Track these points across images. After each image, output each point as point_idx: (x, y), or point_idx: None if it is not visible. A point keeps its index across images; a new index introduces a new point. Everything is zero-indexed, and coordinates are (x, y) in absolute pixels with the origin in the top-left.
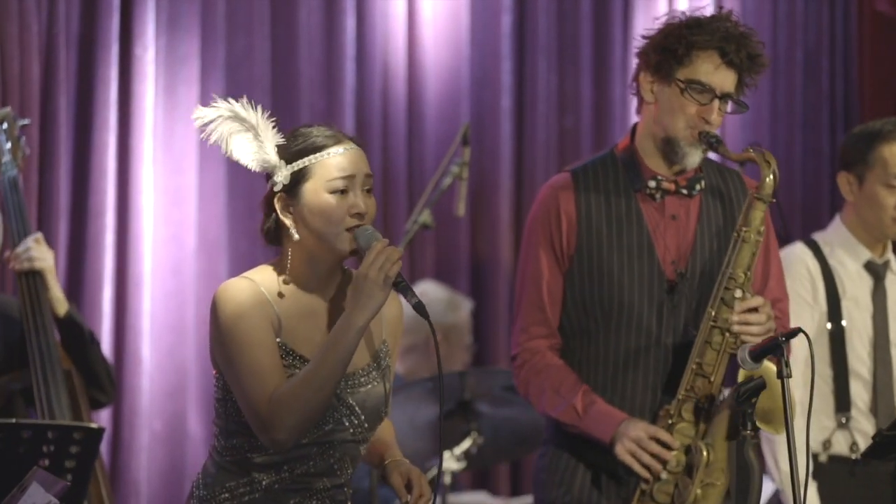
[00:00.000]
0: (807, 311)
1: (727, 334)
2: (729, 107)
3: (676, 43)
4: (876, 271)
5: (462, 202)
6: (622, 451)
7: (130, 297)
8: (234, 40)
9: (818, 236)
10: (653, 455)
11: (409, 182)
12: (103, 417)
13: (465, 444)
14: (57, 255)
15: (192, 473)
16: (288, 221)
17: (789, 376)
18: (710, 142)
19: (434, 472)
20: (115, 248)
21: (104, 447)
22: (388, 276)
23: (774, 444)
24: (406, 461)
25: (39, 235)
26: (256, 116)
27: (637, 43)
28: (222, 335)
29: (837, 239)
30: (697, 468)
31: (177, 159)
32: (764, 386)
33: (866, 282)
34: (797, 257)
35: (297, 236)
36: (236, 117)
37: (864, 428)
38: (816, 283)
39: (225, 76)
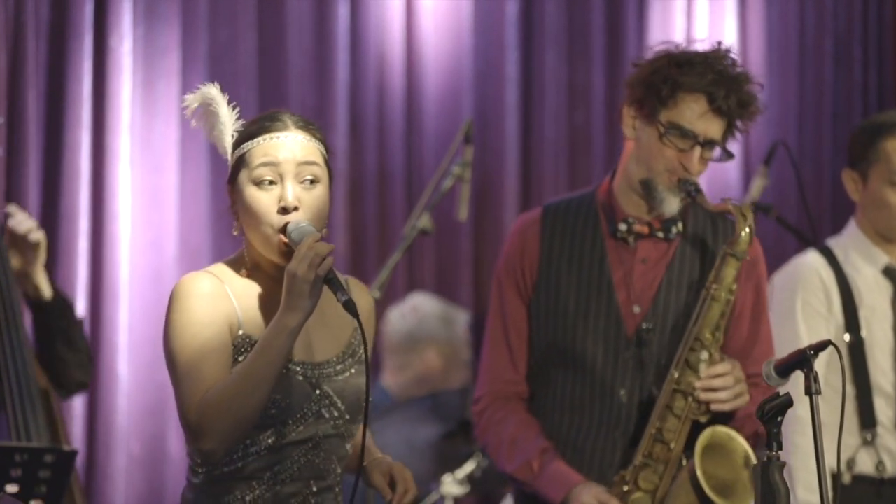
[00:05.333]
0: (822, 324)
1: (690, 399)
2: (715, 153)
3: (662, 83)
4: (895, 277)
5: (464, 205)
6: None
7: (106, 308)
8: (218, 30)
9: (832, 242)
10: None
11: (406, 184)
12: (77, 439)
13: (468, 467)
14: None
15: (173, 498)
16: (233, 214)
17: (818, 392)
18: (688, 190)
19: (434, 497)
20: (89, 255)
21: (78, 471)
22: (319, 274)
23: (791, 471)
24: (387, 458)
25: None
26: (221, 100)
27: (633, 62)
28: (168, 334)
29: (852, 243)
30: None
31: (156, 159)
32: (790, 403)
33: (885, 289)
34: (809, 267)
35: (235, 232)
36: (207, 101)
37: (889, 445)
38: (831, 294)
39: (207, 69)
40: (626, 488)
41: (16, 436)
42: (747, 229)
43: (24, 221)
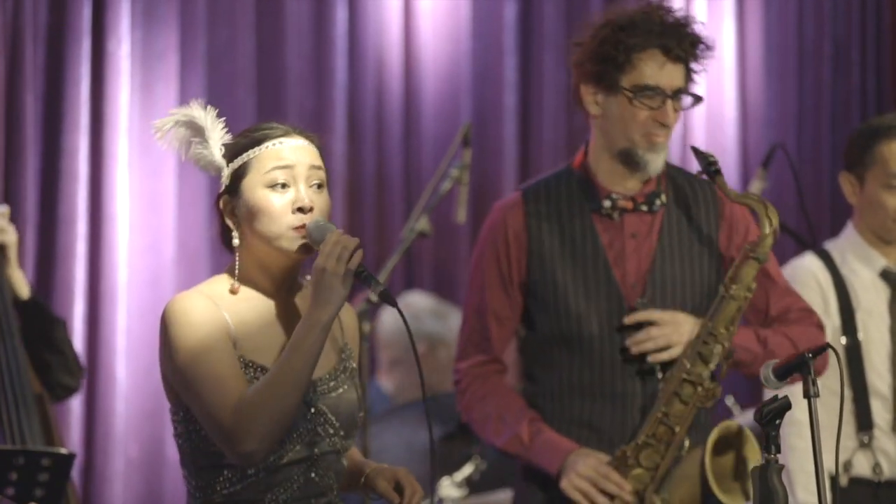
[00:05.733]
0: None
1: (699, 388)
2: (685, 101)
3: (614, 50)
4: (892, 280)
5: (462, 208)
6: (568, 486)
7: (104, 311)
8: (216, 33)
9: (830, 245)
10: (606, 493)
11: (405, 186)
12: (75, 442)
13: (467, 469)
14: (24, 267)
15: (171, 501)
16: (231, 225)
17: (817, 396)
18: (709, 171)
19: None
20: (87, 259)
21: (75, 475)
22: (350, 267)
23: (790, 474)
24: (386, 465)
25: (6, 210)
26: (206, 116)
27: (571, 51)
28: (175, 350)
29: (850, 246)
30: None
31: (154, 163)
32: (789, 406)
33: (882, 291)
34: (806, 269)
35: (236, 241)
36: (188, 121)
37: (886, 448)
38: (828, 296)
39: (206, 72)
40: (627, 463)
41: (10, 440)
42: (771, 232)
43: None
